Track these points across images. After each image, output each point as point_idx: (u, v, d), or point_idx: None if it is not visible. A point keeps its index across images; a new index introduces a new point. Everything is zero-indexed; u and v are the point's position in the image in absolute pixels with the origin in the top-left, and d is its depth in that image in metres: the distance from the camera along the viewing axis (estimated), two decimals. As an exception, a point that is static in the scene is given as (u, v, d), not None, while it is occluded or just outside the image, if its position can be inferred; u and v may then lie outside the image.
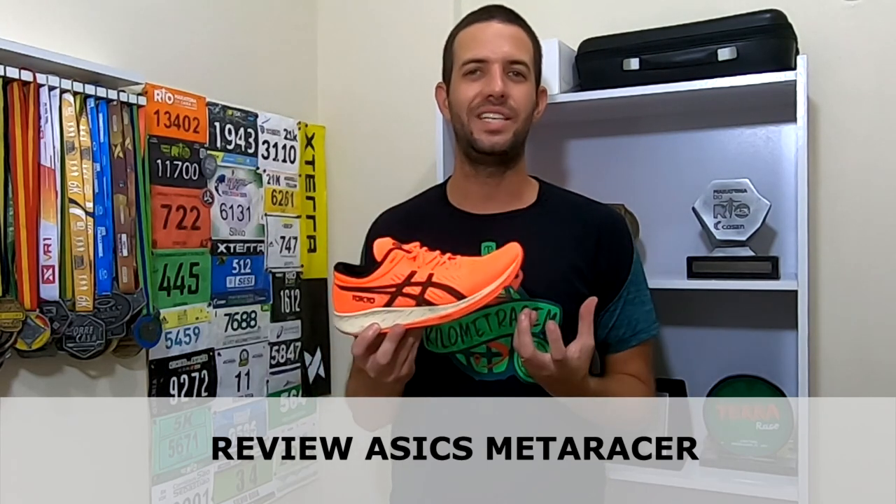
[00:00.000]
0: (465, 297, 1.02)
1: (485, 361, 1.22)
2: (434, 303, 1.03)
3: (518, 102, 1.21)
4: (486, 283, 1.03)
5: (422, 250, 1.07)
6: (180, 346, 1.57)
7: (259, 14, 1.85)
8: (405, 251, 1.05)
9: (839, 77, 1.59)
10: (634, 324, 1.27)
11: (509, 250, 1.05)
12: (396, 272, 1.04)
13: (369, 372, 1.06)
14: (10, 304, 1.18)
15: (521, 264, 1.05)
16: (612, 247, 1.27)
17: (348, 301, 1.05)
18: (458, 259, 1.06)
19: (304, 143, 1.96)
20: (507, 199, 1.28)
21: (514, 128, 1.22)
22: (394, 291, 1.03)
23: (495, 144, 1.21)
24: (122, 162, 1.36)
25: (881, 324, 1.57)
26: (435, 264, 1.05)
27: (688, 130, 1.74)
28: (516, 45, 1.22)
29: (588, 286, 1.22)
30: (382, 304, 1.04)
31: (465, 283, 1.03)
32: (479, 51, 1.21)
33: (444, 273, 1.04)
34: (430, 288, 1.03)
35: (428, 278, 1.03)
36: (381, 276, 1.04)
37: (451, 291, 1.03)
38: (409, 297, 1.03)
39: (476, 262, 1.06)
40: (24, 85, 1.22)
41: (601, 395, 1.17)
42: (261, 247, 1.80)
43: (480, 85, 1.21)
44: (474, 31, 1.24)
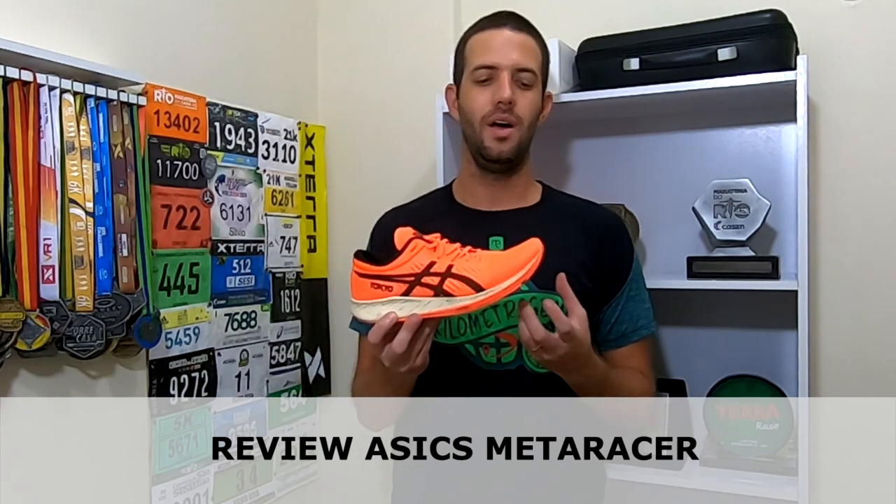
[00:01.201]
0: (483, 289, 1.02)
1: (494, 352, 1.24)
2: (452, 294, 1.02)
3: (523, 110, 1.24)
4: (505, 276, 1.02)
5: (442, 241, 1.06)
6: (180, 346, 1.57)
7: (259, 14, 1.85)
8: (426, 241, 1.05)
9: (839, 77, 1.59)
10: (636, 319, 1.29)
11: (530, 245, 1.05)
12: (416, 261, 1.04)
13: (384, 361, 1.06)
14: (10, 304, 1.18)
15: (541, 260, 1.04)
16: (615, 245, 1.30)
17: (366, 288, 1.05)
18: (479, 252, 1.06)
19: (304, 143, 1.96)
20: (513, 200, 1.31)
21: (519, 135, 1.25)
22: (412, 280, 1.03)
23: (502, 152, 1.25)
24: (122, 162, 1.36)
25: (881, 324, 1.57)
26: (455, 256, 1.04)
27: (688, 130, 1.74)
28: (525, 52, 1.25)
29: (593, 282, 1.25)
30: (401, 293, 1.03)
31: (485, 276, 1.02)
32: (489, 57, 1.24)
33: (463, 265, 1.03)
34: (448, 279, 1.02)
35: (447, 269, 1.03)
36: (401, 265, 1.04)
37: (470, 283, 1.02)
38: (427, 286, 1.03)
39: (496, 256, 1.06)
40: (24, 85, 1.22)
41: (608, 375, 1.19)
42: (261, 247, 1.80)
43: (490, 92, 1.24)
44: (486, 38, 1.26)
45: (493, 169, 1.28)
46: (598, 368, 1.15)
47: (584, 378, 1.15)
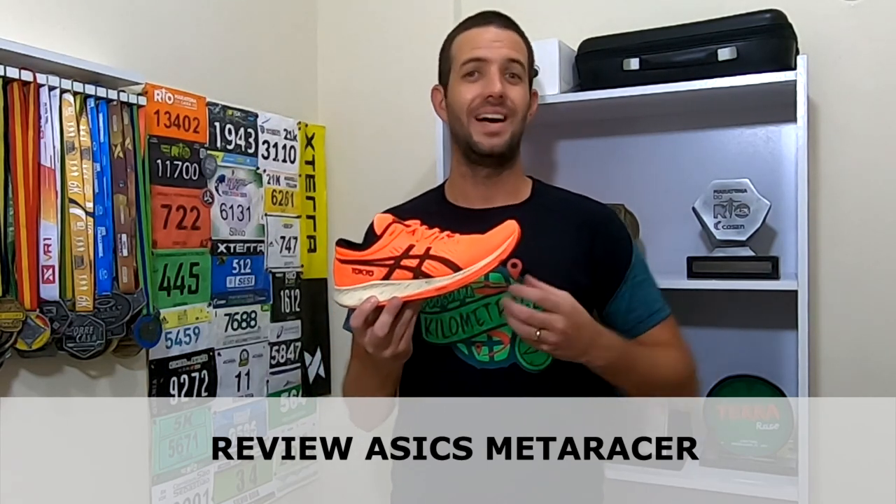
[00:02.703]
0: (461, 269, 1.03)
1: (486, 350, 1.23)
2: (431, 275, 1.03)
3: (515, 102, 1.24)
4: (482, 256, 1.03)
5: (422, 227, 1.08)
6: (180, 346, 1.57)
7: (259, 14, 1.85)
8: (405, 225, 1.07)
9: (839, 77, 1.59)
10: (650, 304, 1.27)
11: (507, 227, 1.06)
12: (395, 245, 1.05)
13: (367, 347, 1.07)
14: (10, 304, 1.18)
15: (517, 240, 1.05)
16: (607, 236, 1.28)
17: (348, 274, 1.06)
18: (457, 236, 1.07)
19: (304, 143, 1.96)
20: (503, 196, 1.31)
21: (511, 128, 1.25)
22: (392, 264, 1.04)
23: (494, 146, 1.24)
24: (122, 162, 1.36)
25: (881, 324, 1.57)
26: (433, 239, 1.06)
27: (688, 130, 1.74)
28: (513, 47, 1.25)
29: (588, 276, 1.24)
30: (381, 277, 1.04)
31: (463, 257, 1.03)
32: (477, 51, 1.24)
33: (441, 247, 1.05)
34: (427, 260, 1.04)
35: (425, 251, 1.04)
36: (380, 249, 1.05)
37: (447, 264, 1.03)
38: (406, 269, 1.04)
39: (474, 238, 1.07)
40: (24, 85, 1.22)
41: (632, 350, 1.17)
42: (261, 247, 1.80)
43: (479, 87, 1.23)
44: (472, 35, 1.27)
45: (485, 164, 1.27)
46: (614, 340, 1.12)
47: (605, 354, 1.11)
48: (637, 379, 1.20)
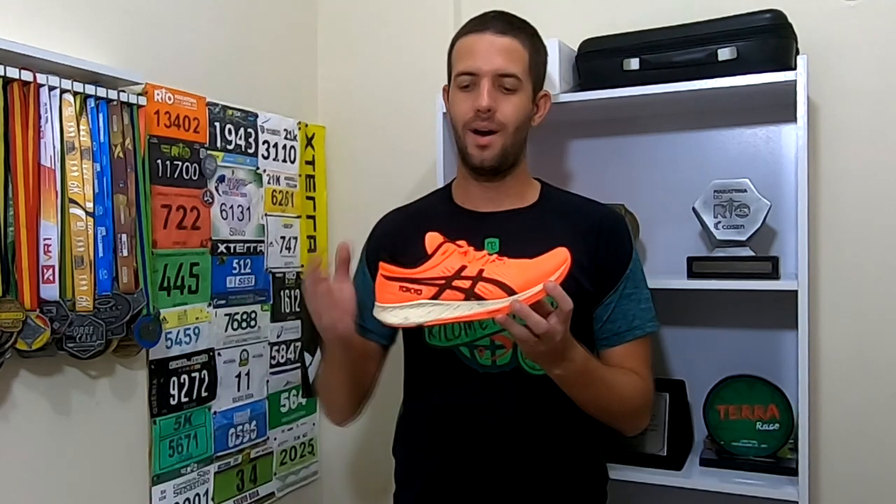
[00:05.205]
0: (515, 293, 1.02)
1: (489, 354, 1.23)
2: (484, 297, 1.02)
3: (506, 116, 1.23)
4: (536, 281, 1.02)
5: (471, 248, 1.07)
6: (180, 346, 1.56)
7: (259, 14, 1.85)
8: (457, 245, 1.06)
9: (839, 77, 1.59)
10: (630, 318, 1.27)
11: (558, 253, 1.05)
12: (447, 265, 1.04)
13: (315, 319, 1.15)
14: (10, 304, 1.18)
15: (570, 268, 1.04)
16: (612, 243, 1.28)
17: (393, 291, 1.05)
18: (506, 260, 1.06)
19: (304, 143, 1.96)
20: (510, 200, 1.31)
21: (502, 142, 1.23)
22: (443, 284, 1.03)
23: (484, 160, 1.24)
24: (122, 162, 1.36)
25: (881, 323, 1.57)
26: (485, 261, 1.05)
27: (688, 130, 1.74)
28: (509, 57, 1.22)
29: (590, 281, 1.24)
30: (430, 297, 1.03)
31: (517, 280, 1.02)
32: (470, 63, 1.23)
33: (494, 270, 1.03)
34: (480, 282, 1.02)
35: (478, 273, 1.03)
36: (432, 268, 1.04)
37: (502, 287, 1.02)
38: (458, 290, 1.03)
39: (524, 263, 1.05)
40: (24, 85, 1.22)
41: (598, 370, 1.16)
42: (261, 247, 1.80)
43: (472, 99, 1.23)
44: (469, 42, 1.25)
45: (480, 174, 1.27)
46: (578, 352, 1.10)
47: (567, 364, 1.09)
48: (589, 396, 1.18)
